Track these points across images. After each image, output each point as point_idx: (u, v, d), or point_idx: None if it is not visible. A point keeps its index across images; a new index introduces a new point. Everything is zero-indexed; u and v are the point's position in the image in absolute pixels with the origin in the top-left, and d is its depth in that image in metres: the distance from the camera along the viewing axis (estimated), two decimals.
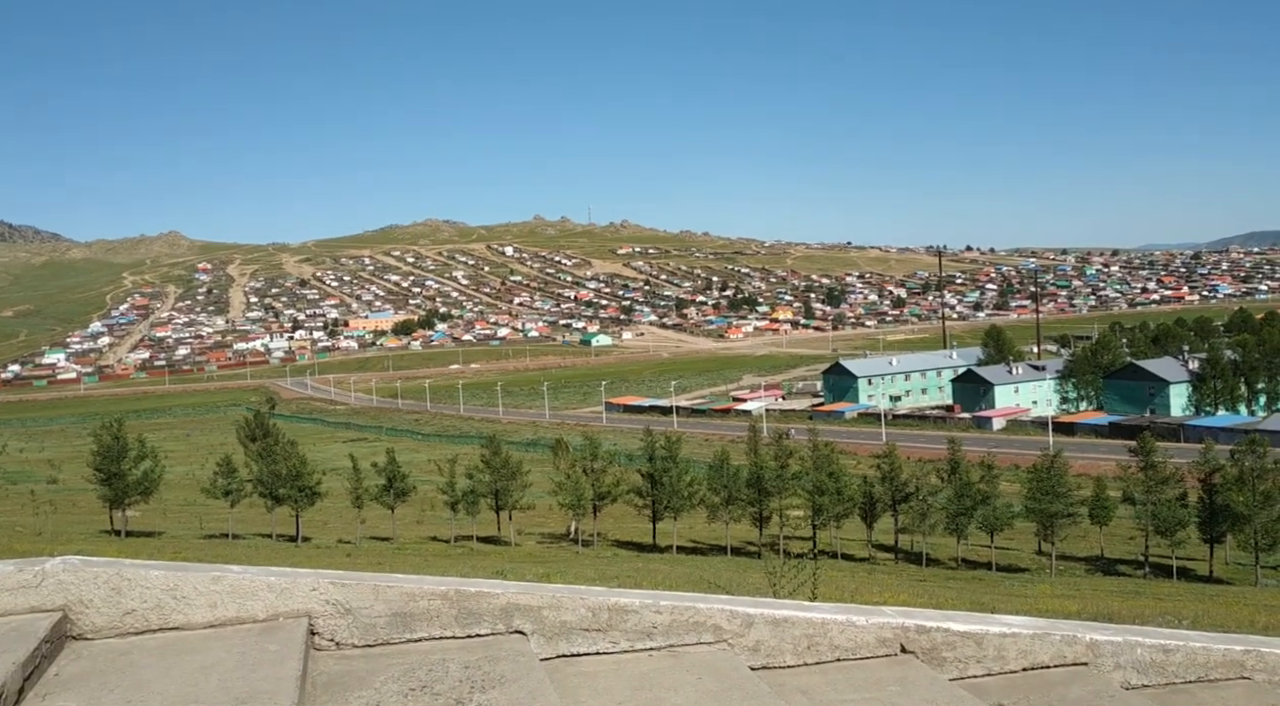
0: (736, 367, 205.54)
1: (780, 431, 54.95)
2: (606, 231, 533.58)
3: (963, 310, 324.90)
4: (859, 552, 48.01)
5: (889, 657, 4.44)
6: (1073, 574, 42.22)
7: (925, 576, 36.98)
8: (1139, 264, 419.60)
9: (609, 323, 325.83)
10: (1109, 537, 49.60)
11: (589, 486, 48.92)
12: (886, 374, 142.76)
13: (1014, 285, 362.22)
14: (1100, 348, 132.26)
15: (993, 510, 45.88)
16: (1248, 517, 41.41)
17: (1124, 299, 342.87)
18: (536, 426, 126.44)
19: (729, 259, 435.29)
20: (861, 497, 48.64)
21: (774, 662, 4.16)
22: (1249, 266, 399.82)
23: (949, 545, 47.49)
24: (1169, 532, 43.40)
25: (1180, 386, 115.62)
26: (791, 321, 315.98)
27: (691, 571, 27.95)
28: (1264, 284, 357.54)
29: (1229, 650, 5.33)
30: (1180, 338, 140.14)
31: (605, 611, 3.84)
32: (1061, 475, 45.87)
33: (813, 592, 8.09)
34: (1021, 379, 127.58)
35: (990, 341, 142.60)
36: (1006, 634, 4.84)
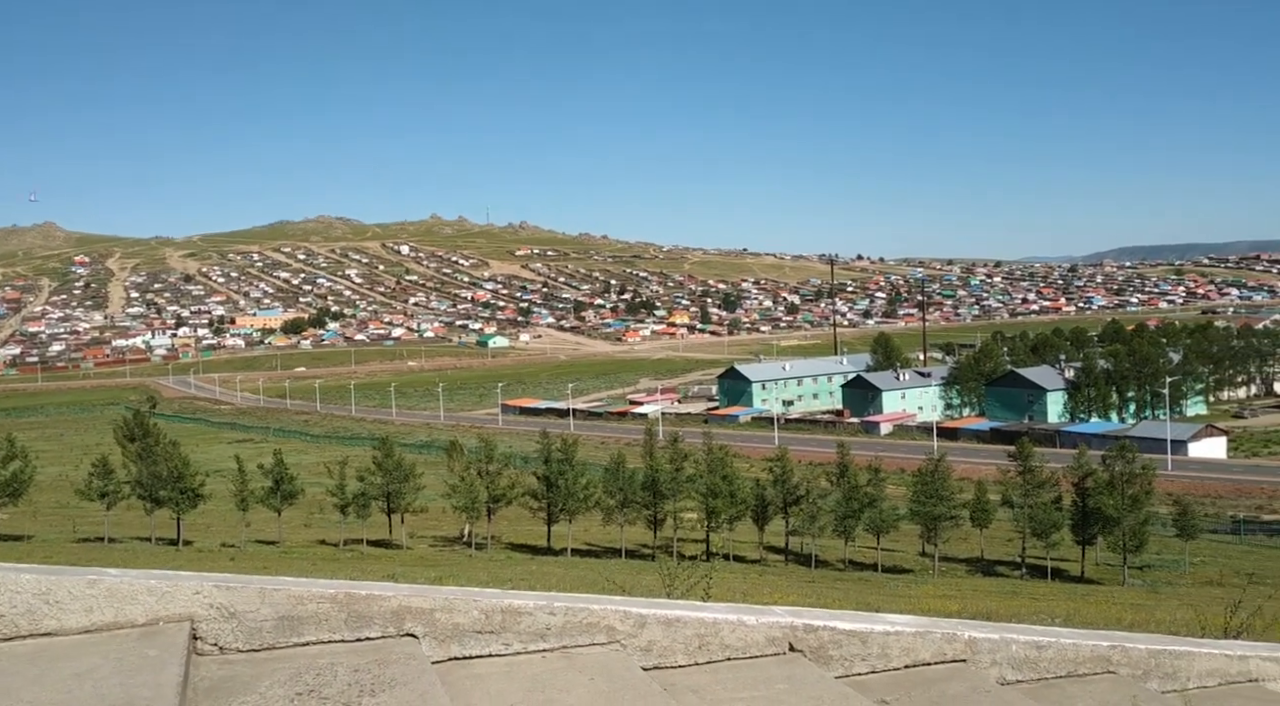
0: (634, 371, 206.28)
1: (674, 434, 55.37)
2: (505, 232, 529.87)
3: (853, 317, 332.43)
4: (751, 554, 48.65)
5: (778, 656, 4.52)
6: (955, 574, 43.60)
7: (814, 577, 37.72)
8: (1020, 275, 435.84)
9: (506, 324, 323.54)
10: (989, 539, 51.35)
11: (484, 489, 48.49)
12: (780, 379, 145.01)
13: (902, 294, 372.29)
14: (983, 356, 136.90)
15: (879, 513, 47.00)
16: (1117, 520, 43.33)
17: (1005, 309, 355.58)
18: (431, 428, 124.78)
19: (628, 263, 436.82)
20: (754, 500, 49.28)
21: (666, 662, 4.20)
22: (1121, 279, 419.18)
23: (837, 547, 48.51)
24: (1044, 534, 45.16)
25: (1057, 394, 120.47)
26: (688, 326, 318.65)
27: (587, 573, 27.97)
28: (1134, 296, 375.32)
29: (1096, 646, 5.59)
30: (1057, 347, 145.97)
31: (498, 613, 3.83)
32: (945, 479, 47.29)
33: (705, 593, 8.18)
34: (908, 385, 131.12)
35: (879, 348, 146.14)
36: (890, 632, 4.97)
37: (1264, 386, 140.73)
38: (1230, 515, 63.22)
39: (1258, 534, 57.65)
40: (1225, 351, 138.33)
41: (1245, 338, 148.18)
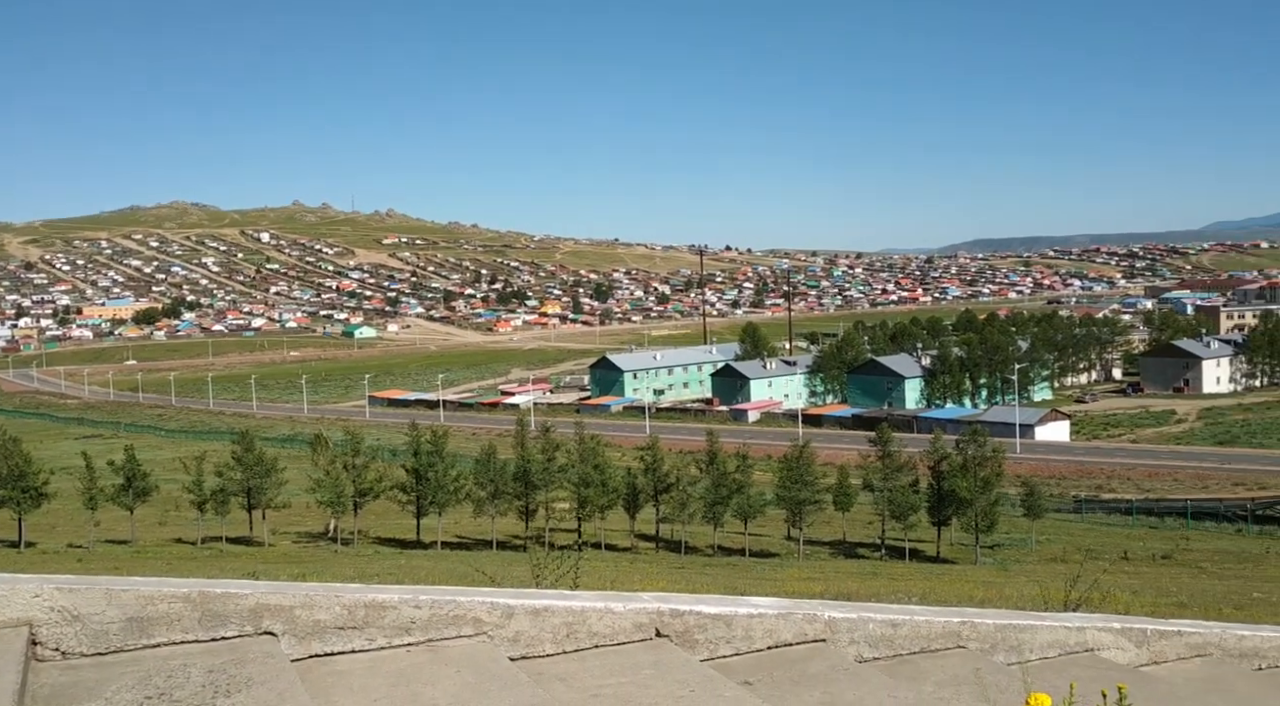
0: (505, 361, 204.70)
1: (546, 424, 55.25)
2: (371, 220, 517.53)
3: (722, 307, 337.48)
4: (622, 542, 49.00)
5: (645, 642, 4.57)
6: (818, 557, 44.87)
7: (684, 563, 38.25)
8: (880, 267, 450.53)
9: (374, 314, 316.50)
10: (851, 522, 52.99)
11: (350, 483, 47.41)
12: (651, 368, 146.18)
13: (769, 284, 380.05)
14: (845, 344, 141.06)
15: (747, 498, 47.90)
16: (970, 502, 45.34)
17: (867, 299, 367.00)
18: (294, 421, 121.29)
19: (498, 252, 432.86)
20: (625, 489, 49.60)
21: (534, 652, 4.20)
22: (974, 271, 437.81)
23: (707, 533, 49.26)
24: (902, 517, 46.91)
25: (914, 381, 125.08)
26: (560, 316, 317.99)
27: (457, 566, 27.67)
28: (986, 287, 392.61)
29: (948, 622, 5.84)
30: (915, 336, 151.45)
31: (362, 608, 3.76)
32: (809, 465, 48.56)
33: (574, 582, 8.21)
34: (775, 374, 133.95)
35: (747, 338, 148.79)
36: (754, 615, 5.08)
37: (1104, 372, 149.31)
38: (1073, 495, 66.90)
39: (1097, 512, 61.18)
40: (1069, 339, 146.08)
41: (1087, 326, 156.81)
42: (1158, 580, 29.60)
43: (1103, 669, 5.99)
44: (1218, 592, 23.88)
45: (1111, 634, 6.48)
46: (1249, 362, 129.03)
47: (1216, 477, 70.52)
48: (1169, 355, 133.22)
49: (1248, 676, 6.55)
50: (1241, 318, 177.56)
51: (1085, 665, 6.06)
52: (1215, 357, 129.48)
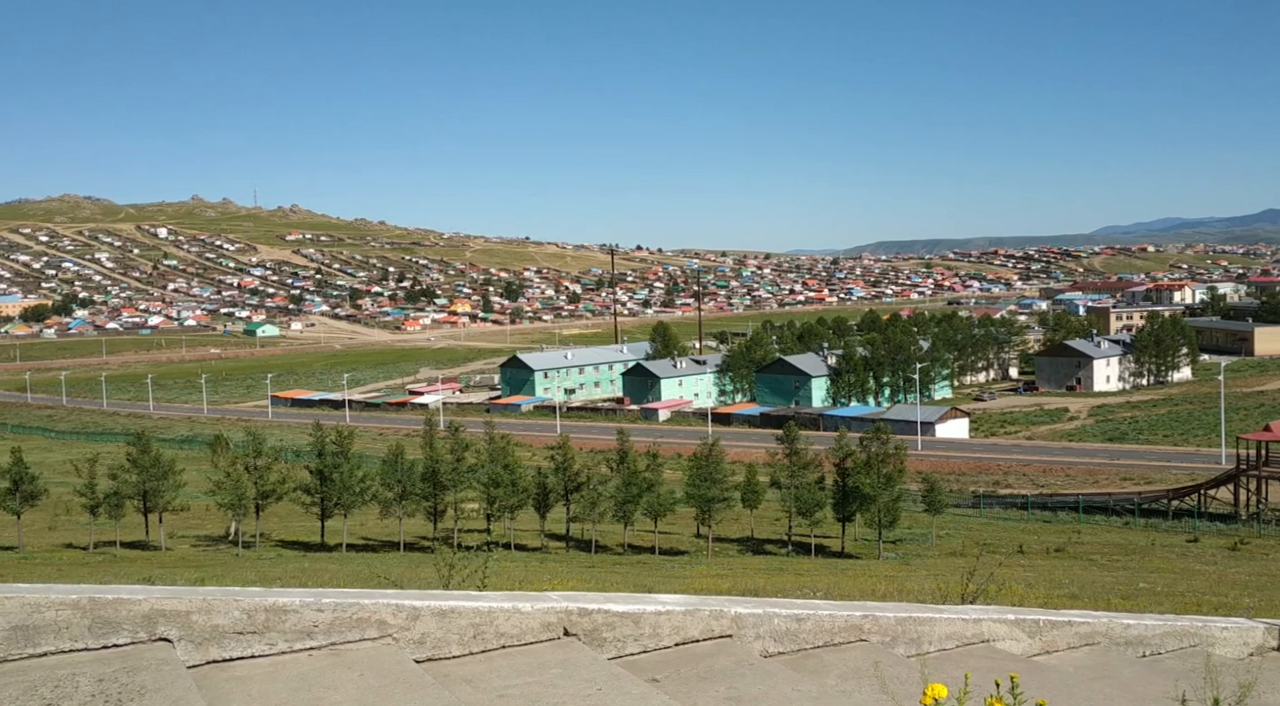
0: (413, 360, 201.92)
1: (455, 424, 54.64)
2: (274, 216, 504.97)
3: (633, 307, 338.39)
4: (532, 542, 48.77)
5: (553, 641, 4.57)
6: (727, 554, 45.31)
7: (595, 562, 38.25)
8: (788, 267, 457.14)
9: (277, 312, 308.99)
10: (759, 519, 53.63)
11: (251, 485, 46.19)
12: (562, 367, 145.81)
13: (679, 284, 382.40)
14: (754, 344, 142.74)
15: (657, 497, 48.08)
16: (873, 498, 46.27)
17: (775, 299, 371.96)
18: (193, 422, 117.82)
19: (406, 249, 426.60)
20: (535, 488, 49.35)
21: (440, 654, 4.17)
22: (878, 272, 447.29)
23: (617, 531, 49.33)
24: (809, 513, 47.65)
25: (820, 380, 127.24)
26: (470, 314, 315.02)
27: (362, 568, 27.21)
28: (890, 288, 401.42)
29: (850, 616, 5.97)
30: (821, 335, 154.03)
31: (262, 612, 3.68)
32: (718, 463, 48.96)
33: (482, 583, 8.16)
34: (685, 373, 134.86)
35: (658, 337, 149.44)
36: (661, 612, 5.12)
37: (1001, 371, 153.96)
38: (972, 490, 68.81)
39: (994, 507, 63.03)
40: (968, 339, 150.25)
41: (985, 326, 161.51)
42: (1051, 572, 30.64)
43: (998, 659, 6.19)
44: (1107, 584, 24.83)
45: (1006, 625, 6.71)
46: (1136, 362, 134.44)
47: (1106, 473, 73.31)
48: (1062, 355, 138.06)
49: (1132, 663, 6.84)
50: (1130, 318, 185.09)
51: (981, 655, 6.26)
52: (1105, 357, 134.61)
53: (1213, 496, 57.81)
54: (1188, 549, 43.78)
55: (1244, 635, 7.76)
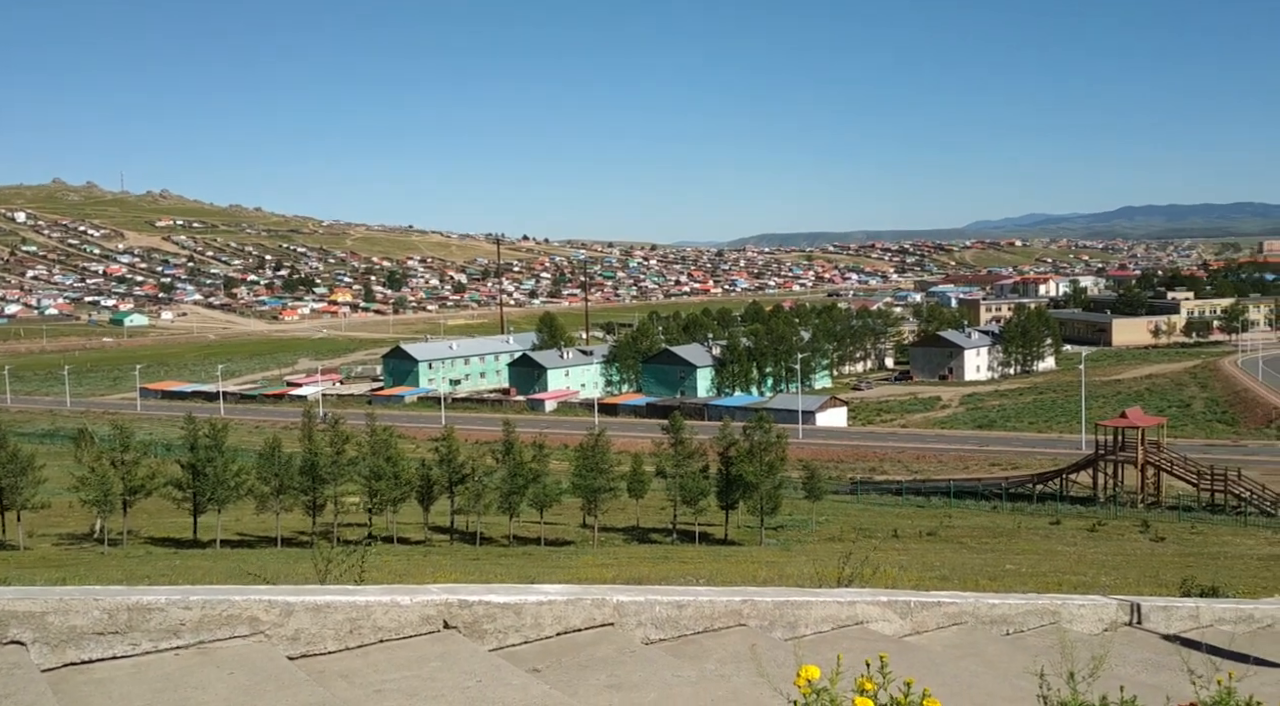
0: (292, 351, 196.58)
1: (335, 416, 53.41)
2: (143, 201, 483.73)
3: (520, 297, 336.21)
4: (416, 535, 48.12)
5: (432, 634, 4.53)
6: (613, 544, 45.53)
7: (479, 554, 37.96)
8: (674, 259, 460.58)
9: (146, 301, 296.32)
10: (644, 508, 54.05)
11: (119, 480, 44.26)
12: (447, 358, 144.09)
13: (566, 274, 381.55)
14: (640, 335, 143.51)
15: (543, 488, 47.99)
16: (756, 486, 47.12)
17: (661, 290, 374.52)
18: (55, 415, 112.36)
19: (284, 237, 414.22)
20: (419, 481, 48.69)
21: (315, 650, 4.09)
22: (761, 264, 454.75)
23: (503, 523, 49.05)
24: (693, 501, 48.25)
25: (705, 370, 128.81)
26: (351, 304, 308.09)
27: (236, 565, 26.40)
28: (772, 279, 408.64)
29: (730, 601, 6.08)
30: (706, 326, 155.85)
31: (124, 612, 3.55)
32: (604, 453, 49.13)
33: (359, 577, 8.01)
34: (572, 363, 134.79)
35: (544, 328, 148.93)
36: (543, 602, 5.12)
37: (878, 361, 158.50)
38: (850, 477, 70.69)
39: (871, 493, 64.90)
40: (847, 330, 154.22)
41: (863, 318, 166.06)
42: (924, 555, 31.75)
43: (871, 640, 6.39)
44: (975, 565, 25.85)
45: (879, 607, 6.93)
46: (1005, 352, 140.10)
47: (976, 459, 76.24)
48: (935, 345, 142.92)
49: (997, 641, 7.15)
50: (999, 310, 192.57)
51: (856, 637, 6.45)
52: (975, 347, 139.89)
53: (1074, 480, 60.68)
54: (1051, 531, 45.88)
55: (1099, 611, 8.19)
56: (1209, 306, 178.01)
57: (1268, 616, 9.22)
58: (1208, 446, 73.18)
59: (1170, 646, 7.10)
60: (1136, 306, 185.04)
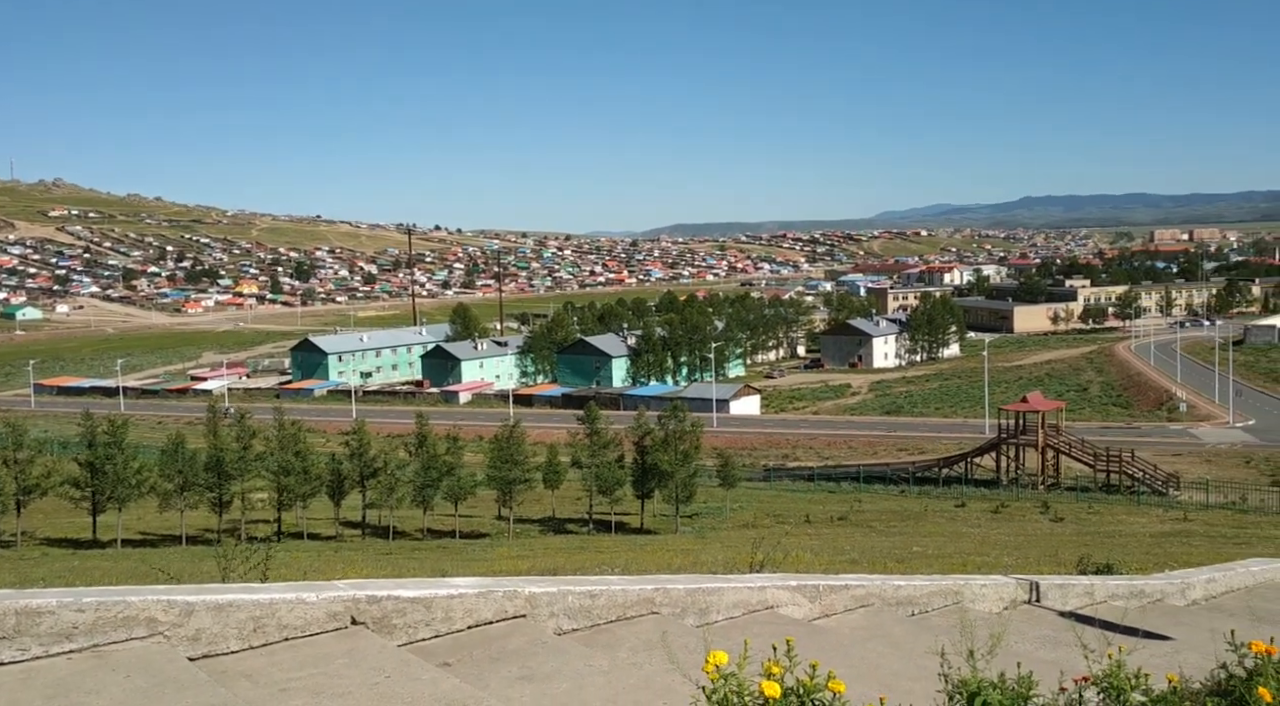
0: (195, 344, 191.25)
1: (242, 411, 52.12)
2: (35, 190, 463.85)
3: (432, 288, 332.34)
4: (327, 531, 47.34)
5: (339, 631, 4.47)
6: (529, 535, 45.39)
7: (392, 549, 37.49)
8: (588, 249, 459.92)
9: (39, 294, 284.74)
10: (560, 499, 54.00)
11: (11, 479, 42.55)
12: (357, 350, 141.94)
13: (479, 265, 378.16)
14: (555, 325, 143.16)
15: (457, 480, 47.62)
16: (671, 474, 47.45)
17: (575, 280, 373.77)
18: None
19: (186, 227, 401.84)
20: (329, 476, 47.91)
21: (217, 650, 4.00)
22: (675, 254, 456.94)
23: (416, 517, 48.56)
24: (609, 491, 48.39)
25: (621, 360, 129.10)
26: (258, 296, 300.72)
27: (138, 565, 25.61)
28: (686, 269, 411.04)
29: (643, 589, 6.12)
30: (621, 316, 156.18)
31: (12, 616, 3.42)
32: (519, 444, 48.95)
33: (264, 574, 7.85)
34: (486, 354, 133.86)
35: (458, 319, 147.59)
36: (454, 595, 5.09)
37: (790, 350, 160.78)
38: (763, 464, 71.64)
39: (784, 479, 65.87)
40: (759, 319, 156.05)
41: (775, 307, 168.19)
42: (835, 540, 32.34)
43: (781, 624, 6.50)
44: (884, 548, 26.44)
45: (789, 591, 7.05)
46: (912, 340, 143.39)
47: (885, 444, 77.97)
48: (845, 333, 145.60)
49: (903, 622, 7.34)
50: (906, 299, 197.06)
51: (766, 622, 6.56)
52: (884, 336, 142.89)
53: (978, 464, 62.43)
54: (956, 513, 47.15)
55: (1000, 591, 8.47)
56: (1104, 294, 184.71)
57: (1157, 591, 9.65)
58: (1104, 428, 76.00)
59: (1067, 622, 7.37)
60: (1036, 294, 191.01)
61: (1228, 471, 59.02)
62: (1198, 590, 9.90)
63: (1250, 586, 10.71)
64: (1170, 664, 5.40)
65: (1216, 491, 51.22)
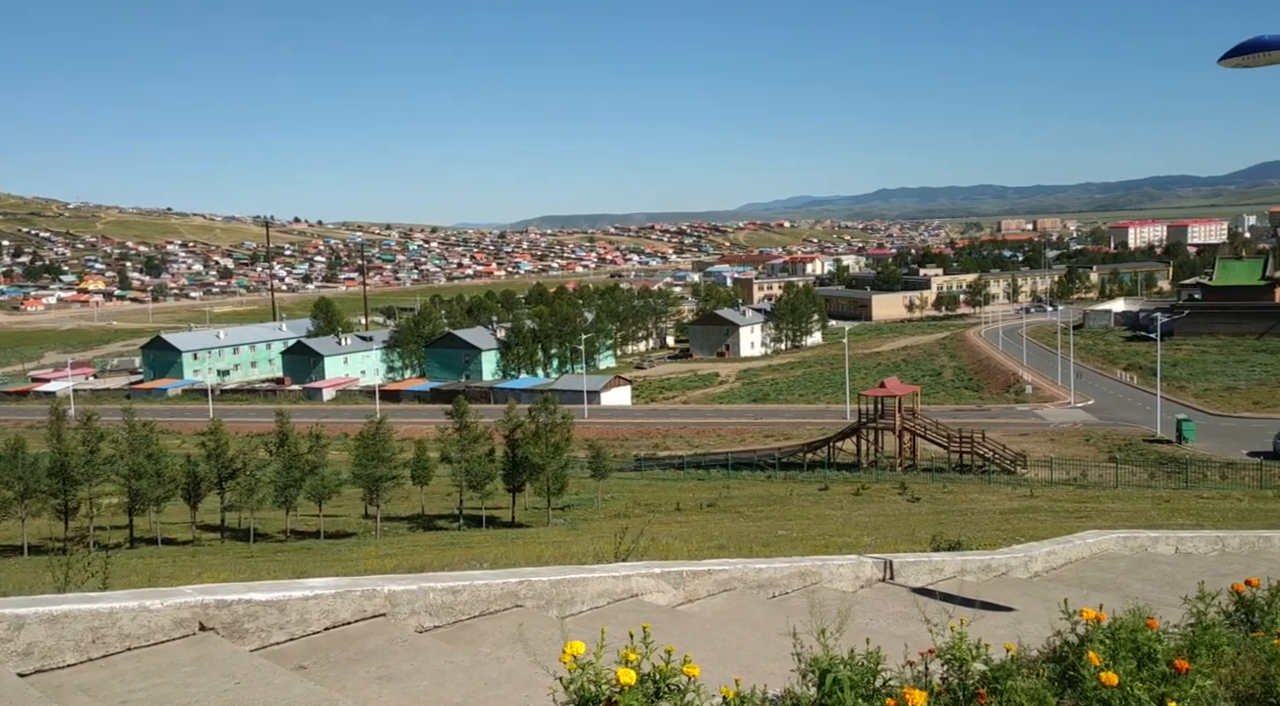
0: (36, 344, 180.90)
1: (89, 412, 49.45)
2: None
3: (292, 282, 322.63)
4: (183, 535, 45.52)
5: (187, 638, 4.33)
6: (397, 533, 44.60)
7: (253, 552, 36.29)
8: (455, 241, 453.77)
9: None
10: (430, 495, 53.24)
11: None
12: (214, 348, 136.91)
13: (342, 258, 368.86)
14: (422, 319, 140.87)
15: (321, 479, 46.52)
16: (542, 467, 47.35)
17: (443, 273, 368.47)
18: None
19: (24, 220, 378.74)
20: (185, 478, 46.11)
21: (52, 664, 3.82)
22: (544, 246, 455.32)
23: (279, 518, 47.17)
24: (480, 486, 47.98)
25: (491, 353, 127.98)
26: (105, 292, 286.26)
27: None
28: (556, 261, 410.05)
29: (506, 583, 6.11)
30: (490, 309, 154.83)
31: None
32: (386, 441, 48.05)
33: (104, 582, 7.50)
34: (351, 350, 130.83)
35: (320, 313, 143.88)
36: (310, 597, 4.98)
37: (660, 340, 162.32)
38: (634, 454, 72.15)
39: (655, 468, 66.48)
40: (629, 310, 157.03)
41: (644, 298, 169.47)
42: (704, 526, 32.85)
43: (645, 612, 6.58)
44: (751, 533, 26.99)
45: (653, 578, 7.14)
46: (777, 328, 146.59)
47: (752, 431, 79.50)
48: (713, 323, 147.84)
49: (763, 604, 7.53)
50: (770, 289, 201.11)
51: (630, 610, 6.63)
52: (750, 325, 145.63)
53: (840, 448, 64.34)
54: (820, 496, 48.45)
55: (856, 570, 8.77)
56: (956, 282, 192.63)
57: (1002, 565, 10.15)
58: (957, 411, 79.31)
59: (918, 598, 7.69)
60: (893, 283, 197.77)
61: (1070, 449, 62.38)
62: (1039, 563, 10.45)
63: (1087, 557, 11.37)
64: (1011, 634, 5.70)
65: (1060, 468, 54.12)
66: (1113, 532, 12.71)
